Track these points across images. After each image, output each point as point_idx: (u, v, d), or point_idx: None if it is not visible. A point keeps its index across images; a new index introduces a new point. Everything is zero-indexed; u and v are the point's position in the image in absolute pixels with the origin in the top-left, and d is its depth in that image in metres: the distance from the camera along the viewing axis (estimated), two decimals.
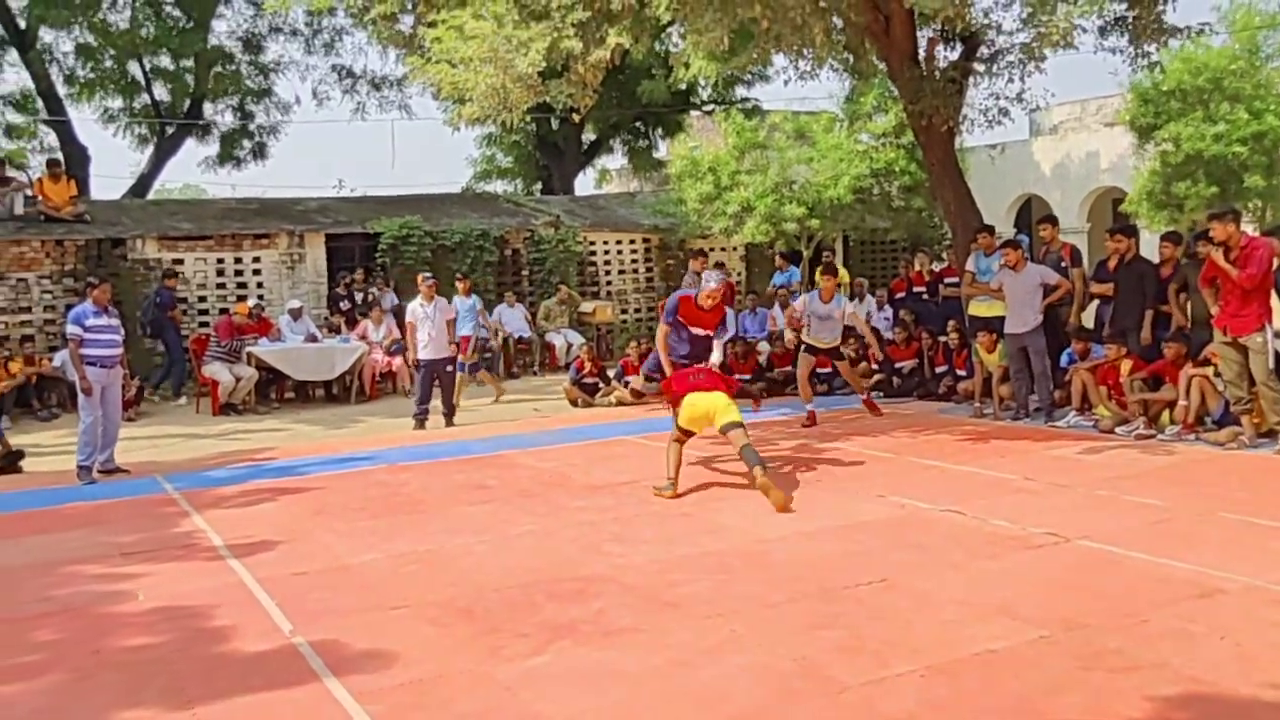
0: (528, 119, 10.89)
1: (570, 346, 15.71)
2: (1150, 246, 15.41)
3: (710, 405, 7.39)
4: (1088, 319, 10.85)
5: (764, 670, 4.27)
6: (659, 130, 24.40)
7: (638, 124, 23.86)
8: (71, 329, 9.09)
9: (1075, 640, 4.42)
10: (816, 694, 4.03)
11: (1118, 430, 9.05)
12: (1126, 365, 9.39)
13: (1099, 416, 9.45)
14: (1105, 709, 3.79)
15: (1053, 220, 11.42)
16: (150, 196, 21.62)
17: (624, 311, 17.97)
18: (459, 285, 13.35)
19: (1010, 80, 11.10)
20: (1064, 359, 10.32)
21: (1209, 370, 8.73)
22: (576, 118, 14.63)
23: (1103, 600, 4.89)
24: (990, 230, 11.19)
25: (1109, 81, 34.43)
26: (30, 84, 20.37)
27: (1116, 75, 18.73)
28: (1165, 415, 9.01)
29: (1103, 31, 10.47)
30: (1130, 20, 10.09)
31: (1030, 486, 7.31)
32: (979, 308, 10.64)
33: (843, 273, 15.56)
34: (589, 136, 24.50)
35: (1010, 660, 4.24)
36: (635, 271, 18.57)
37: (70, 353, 9.28)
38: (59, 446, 10.90)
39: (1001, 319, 10.13)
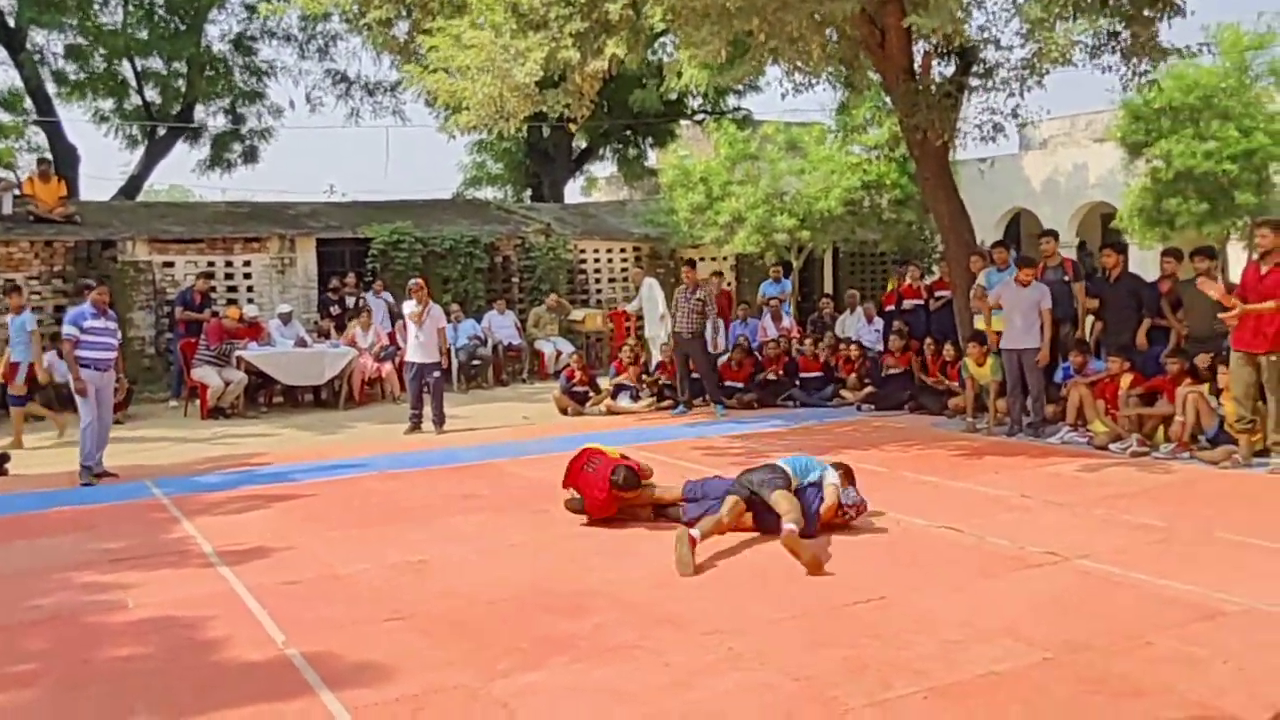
0: (521, 127, 10.81)
1: (560, 354, 15.65)
2: (1139, 262, 15.52)
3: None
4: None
5: (765, 689, 4.22)
6: (649, 139, 24.37)
7: (628, 132, 23.82)
8: (68, 330, 8.99)
9: (1079, 663, 4.39)
10: (819, 715, 3.98)
11: (1111, 447, 9.05)
12: (1127, 380, 9.41)
13: (1093, 432, 9.44)
14: None
15: (1054, 234, 11.41)
16: (140, 198, 21.46)
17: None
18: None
19: (1010, 95, 11.09)
20: (1059, 374, 10.33)
21: (1204, 388, 8.75)
22: (572, 127, 14.55)
23: (1105, 622, 4.86)
24: (1006, 246, 11.43)
25: (1098, 97, 34.64)
26: (19, 84, 20.19)
27: (1112, 93, 18.73)
28: (1159, 432, 9.02)
29: (1096, 51, 10.44)
30: (1126, 39, 10.08)
31: (1027, 504, 7.29)
32: (998, 323, 10.30)
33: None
34: (579, 144, 24.44)
35: (1015, 683, 4.21)
36: (625, 280, 18.51)
37: (65, 354, 9.17)
38: (42, 448, 10.78)
39: None
